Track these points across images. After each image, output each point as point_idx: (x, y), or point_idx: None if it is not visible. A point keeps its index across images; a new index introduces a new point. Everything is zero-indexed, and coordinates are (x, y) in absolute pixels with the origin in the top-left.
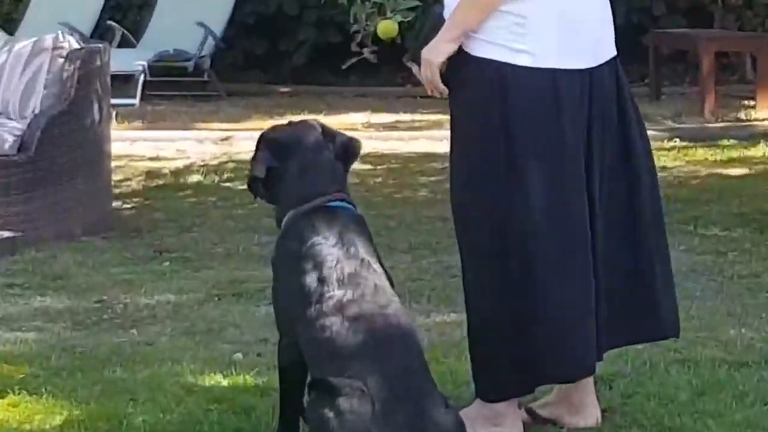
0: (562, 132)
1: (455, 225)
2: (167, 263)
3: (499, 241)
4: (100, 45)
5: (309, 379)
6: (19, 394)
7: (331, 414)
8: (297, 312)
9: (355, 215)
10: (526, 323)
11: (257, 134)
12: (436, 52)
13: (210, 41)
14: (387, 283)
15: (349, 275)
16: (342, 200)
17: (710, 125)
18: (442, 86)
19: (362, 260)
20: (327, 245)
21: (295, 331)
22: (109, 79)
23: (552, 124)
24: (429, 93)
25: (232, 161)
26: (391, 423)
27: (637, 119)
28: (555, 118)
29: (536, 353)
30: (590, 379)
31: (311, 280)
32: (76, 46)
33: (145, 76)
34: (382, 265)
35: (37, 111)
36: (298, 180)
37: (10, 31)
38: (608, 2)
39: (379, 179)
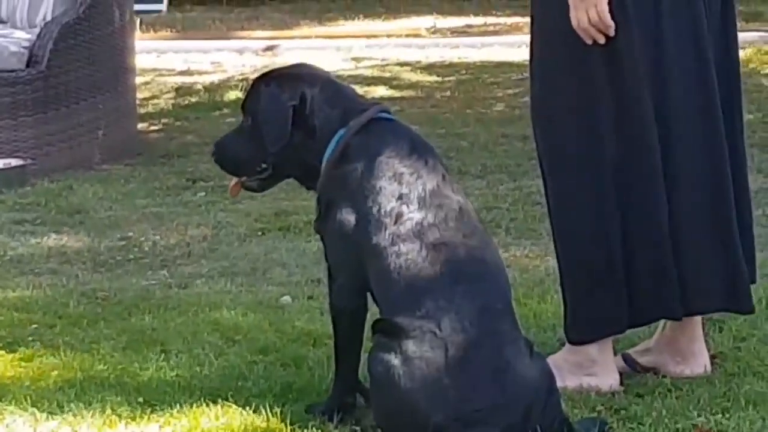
0: (661, 31)
1: (537, 137)
2: (202, 194)
3: (589, 146)
4: None
5: (373, 320)
6: (32, 347)
7: (397, 360)
8: (365, 241)
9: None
10: (627, 247)
11: (309, 43)
12: None
13: None
14: (471, 206)
15: (431, 193)
16: (388, 113)
17: None
18: (610, 20)
19: (443, 175)
20: (401, 156)
21: (355, 267)
22: None
23: (651, 21)
24: (590, 42)
25: None
26: (466, 372)
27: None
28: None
29: (637, 283)
30: (698, 321)
31: (386, 198)
32: None
33: None
34: None
35: (48, 18)
36: (332, 102)
37: None
38: None
39: (447, 93)
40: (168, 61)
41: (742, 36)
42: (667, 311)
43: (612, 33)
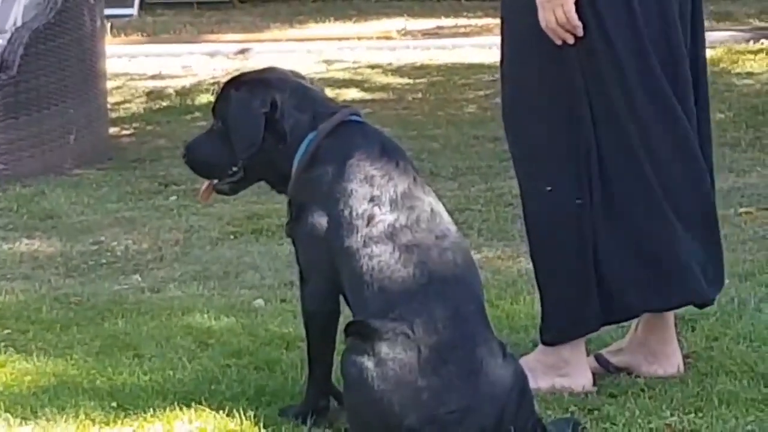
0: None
1: (509, 138)
2: (174, 197)
3: (562, 146)
4: None
5: (346, 323)
6: (5, 352)
7: (370, 363)
8: (337, 244)
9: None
10: (600, 246)
11: (280, 46)
12: None
13: None
14: (442, 207)
15: (403, 194)
16: (358, 116)
17: None
18: (577, 20)
19: (414, 177)
20: (372, 158)
21: (327, 270)
22: None
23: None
24: (559, 42)
25: None
26: (440, 374)
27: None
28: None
29: (615, 279)
30: (671, 320)
31: (358, 200)
32: None
33: None
34: None
35: (18, 24)
36: (302, 107)
37: None
38: None
39: (419, 95)
40: (139, 66)
41: (712, 35)
42: (652, 306)
43: (580, 33)
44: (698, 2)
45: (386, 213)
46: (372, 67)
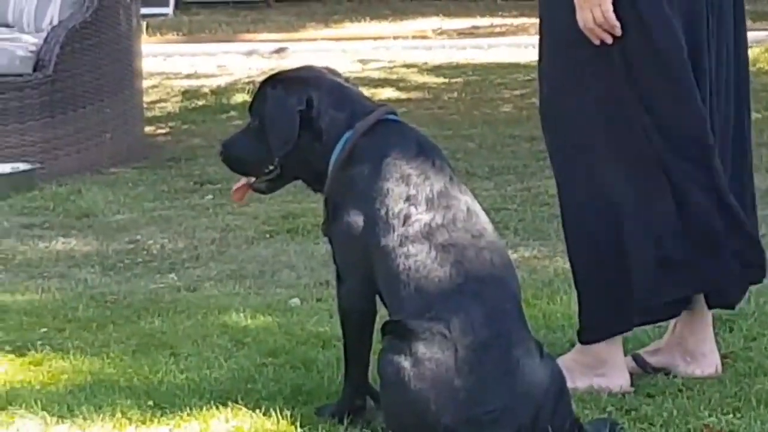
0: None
1: (547, 138)
2: (209, 196)
3: (600, 144)
4: None
5: (383, 322)
6: (41, 351)
7: (407, 362)
8: (373, 243)
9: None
10: (639, 243)
11: (315, 46)
12: None
13: None
14: (479, 207)
15: (439, 194)
16: (394, 115)
17: None
18: (615, 20)
19: (450, 177)
20: (408, 157)
21: (364, 270)
22: None
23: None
24: (597, 42)
25: None
26: (476, 373)
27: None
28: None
29: (648, 278)
30: (708, 321)
31: (394, 199)
32: None
33: None
34: None
35: (55, 22)
36: (338, 105)
37: None
38: None
39: (454, 94)
40: (175, 65)
41: (749, 35)
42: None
43: (618, 32)
44: (741, 2)
45: (422, 212)
46: (407, 66)
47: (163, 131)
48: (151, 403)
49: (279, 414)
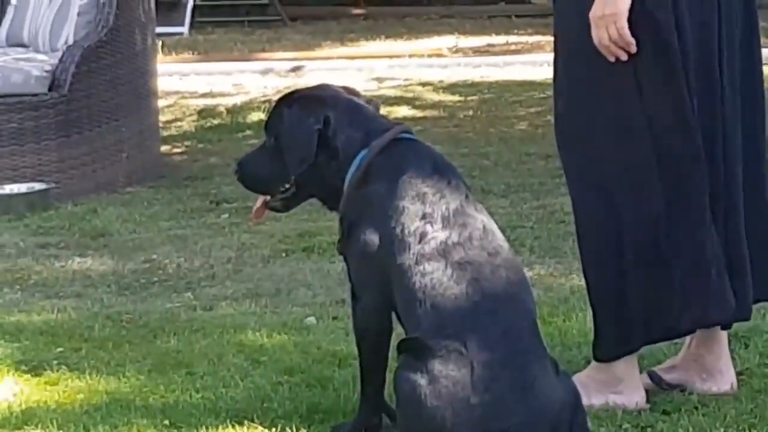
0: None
1: (563, 156)
2: (225, 215)
3: (615, 163)
4: None
5: (398, 340)
6: (57, 370)
7: (423, 380)
8: (389, 261)
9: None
10: (653, 261)
11: (331, 64)
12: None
13: None
14: (494, 225)
15: (455, 212)
16: (410, 133)
17: None
18: (630, 37)
19: (466, 195)
20: (424, 176)
21: (380, 288)
22: (153, 4)
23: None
24: (612, 59)
25: None
26: (492, 391)
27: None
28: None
29: (667, 296)
30: (724, 338)
31: (410, 218)
32: None
33: (194, 0)
34: None
35: (70, 42)
36: (354, 124)
37: None
38: None
39: (470, 112)
40: (190, 84)
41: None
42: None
43: (633, 50)
44: (755, 18)
45: (438, 230)
46: (423, 84)
47: (179, 150)
48: (167, 422)
49: None
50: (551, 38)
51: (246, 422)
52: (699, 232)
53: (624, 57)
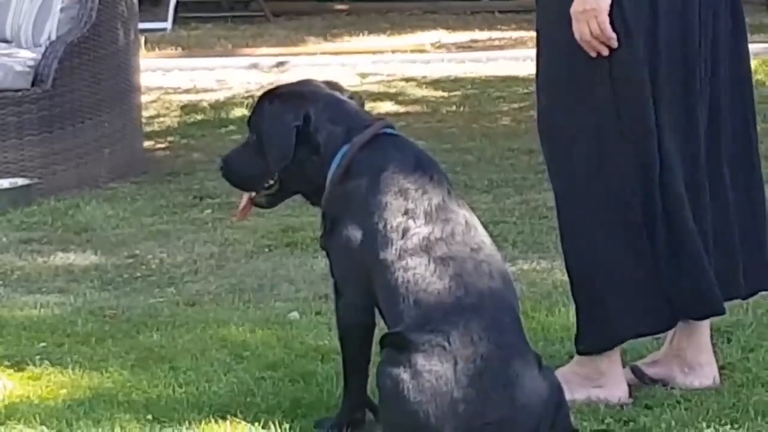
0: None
1: (545, 151)
2: (209, 211)
3: (596, 158)
4: None
5: (382, 335)
6: (40, 365)
7: (406, 374)
8: (372, 257)
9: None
10: (636, 255)
11: (314, 60)
12: None
13: None
14: (477, 220)
15: (437, 207)
16: (392, 129)
17: None
18: (611, 32)
19: (448, 190)
20: (406, 171)
21: (362, 283)
22: (136, 0)
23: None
24: (593, 54)
25: None
26: (475, 386)
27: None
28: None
29: (650, 290)
30: (706, 332)
31: (392, 213)
32: None
33: None
34: None
35: (53, 37)
36: (336, 119)
37: None
38: None
39: (453, 108)
40: (173, 79)
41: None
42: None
43: (614, 44)
44: (740, 15)
45: (421, 226)
46: (406, 80)
47: (162, 146)
48: (150, 417)
49: (278, 427)
50: (534, 34)
51: (229, 417)
52: (681, 224)
53: (605, 52)
